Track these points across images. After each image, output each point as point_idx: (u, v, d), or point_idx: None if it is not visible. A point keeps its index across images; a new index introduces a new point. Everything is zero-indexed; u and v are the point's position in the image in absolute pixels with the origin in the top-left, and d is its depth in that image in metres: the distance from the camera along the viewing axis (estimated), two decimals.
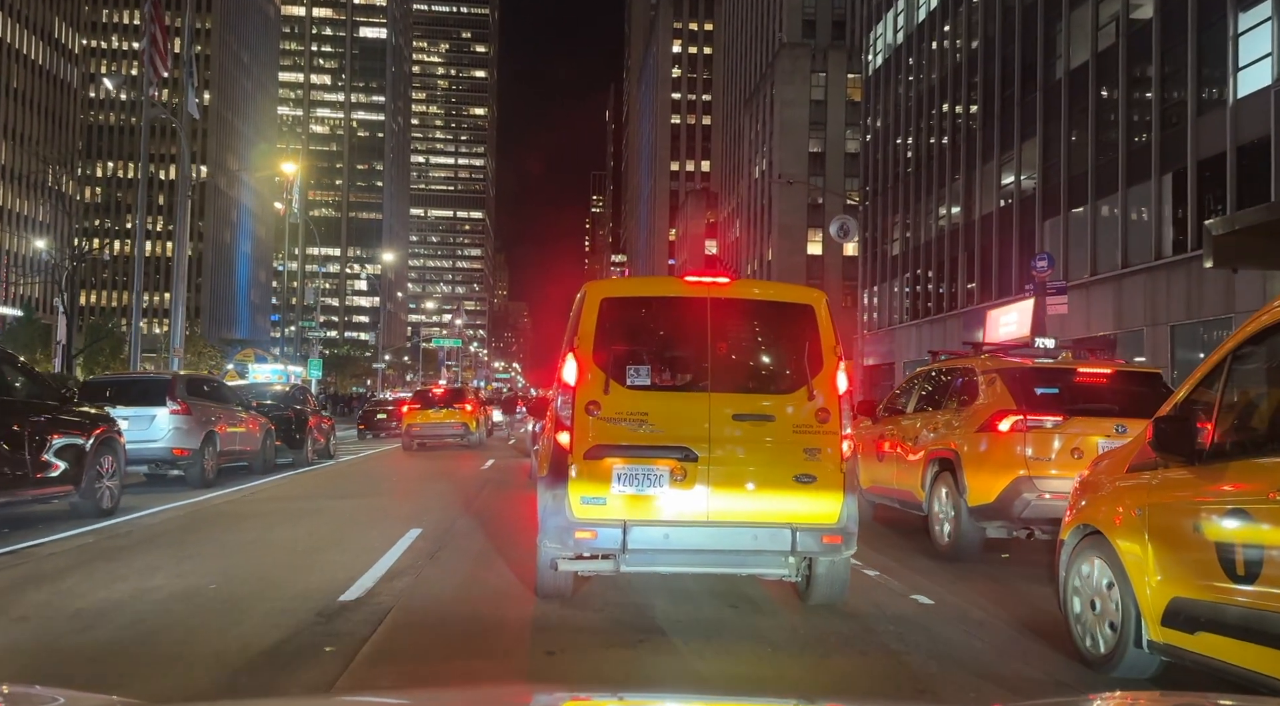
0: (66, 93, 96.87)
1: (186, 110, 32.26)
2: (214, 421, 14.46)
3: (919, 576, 7.36)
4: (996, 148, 35.72)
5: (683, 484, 5.48)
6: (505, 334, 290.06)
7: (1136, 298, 26.96)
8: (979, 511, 7.83)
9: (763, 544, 5.49)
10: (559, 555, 5.71)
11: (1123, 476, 4.65)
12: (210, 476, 14.16)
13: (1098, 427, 7.55)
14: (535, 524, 5.77)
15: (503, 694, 2.94)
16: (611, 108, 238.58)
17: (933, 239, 42.01)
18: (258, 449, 16.28)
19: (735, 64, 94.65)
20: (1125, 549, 4.44)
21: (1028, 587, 7.00)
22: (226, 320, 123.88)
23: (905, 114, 46.26)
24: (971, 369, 8.74)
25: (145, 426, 13.48)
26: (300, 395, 20.25)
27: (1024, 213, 33.74)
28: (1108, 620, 4.61)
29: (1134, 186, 27.41)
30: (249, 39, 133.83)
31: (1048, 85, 32.33)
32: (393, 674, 4.51)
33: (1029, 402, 7.78)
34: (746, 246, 79.36)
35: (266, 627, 5.26)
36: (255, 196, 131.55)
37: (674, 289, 6.15)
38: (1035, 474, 7.49)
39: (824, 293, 6.37)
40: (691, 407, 5.61)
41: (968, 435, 8.11)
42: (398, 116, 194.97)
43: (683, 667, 4.74)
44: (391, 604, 5.93)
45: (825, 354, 5.85)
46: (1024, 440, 7.59)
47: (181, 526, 9.71)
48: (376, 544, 8.20)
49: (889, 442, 9.92)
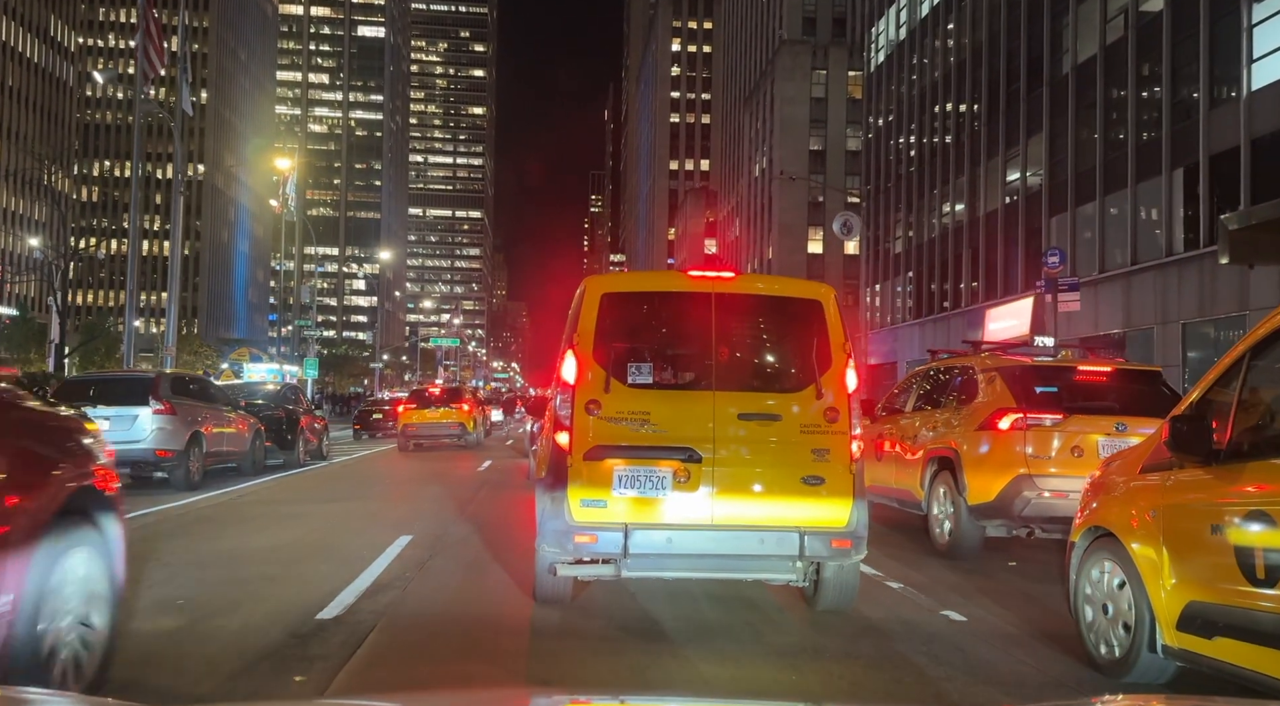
0: (62, 91, 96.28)
1: (181, 107, 31.98)
2: (200, 421, 13.95)
3: (917, 573, 7.16)
4: (1001, 144, 35.20)
5: (686, 486, 5.24)
6: (504, 334, 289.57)
7: (1146, 295, 26.45)
8: (979, 510, 7.78)
9: (769, 548, 5.26)
10: (558, 559, 5.43)
11: (1135, 477, 4.55)
12: (196, 479, 13.64)
13: (1098, 426, 7.52)
14: (533, 528, 5.48)
15: (502, 696, 2.91)
16: (610, 107, 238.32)
17: (936, 237, 41.49)
18: (246, 450, 15.76)
19: (735, 62, 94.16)
20: (1139, 552, 4.34)
21: (1029, 587, 6.91)
22: (224, 320, 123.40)
23: (908, 110, 45.74)
24: (971, 367, 8.68)
25: (127, 427, 12.96)
26: (292, 394, 19.71)
27: (1029, 210, 33.22)
28: (1120, 624, 4.51)
29: (1143, 182, 26.89)
30: (247, 37, 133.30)
31: (1054, 80, 31.82)
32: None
33: (1029, 401, 7.74)
34: (746, 245, 78.85)
35: (231, 653, 4.73)
36: (253, 196, 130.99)
37: (677, 283, 5.90)
38: (1035, 472, 7.44)
39: (832, 287, 6.10)
40: (695, 407, 5.36)
41: (967, 434, 8.06)
42: (396, 116, 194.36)
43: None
44: (374, 622, 5.41)
45: (834, 351, 5.57)
46: (1024, 438, 7.55)
47: (158, 533, 9.19)
48: (363, 552, 7.69)
49: (888, 442, 9.78)
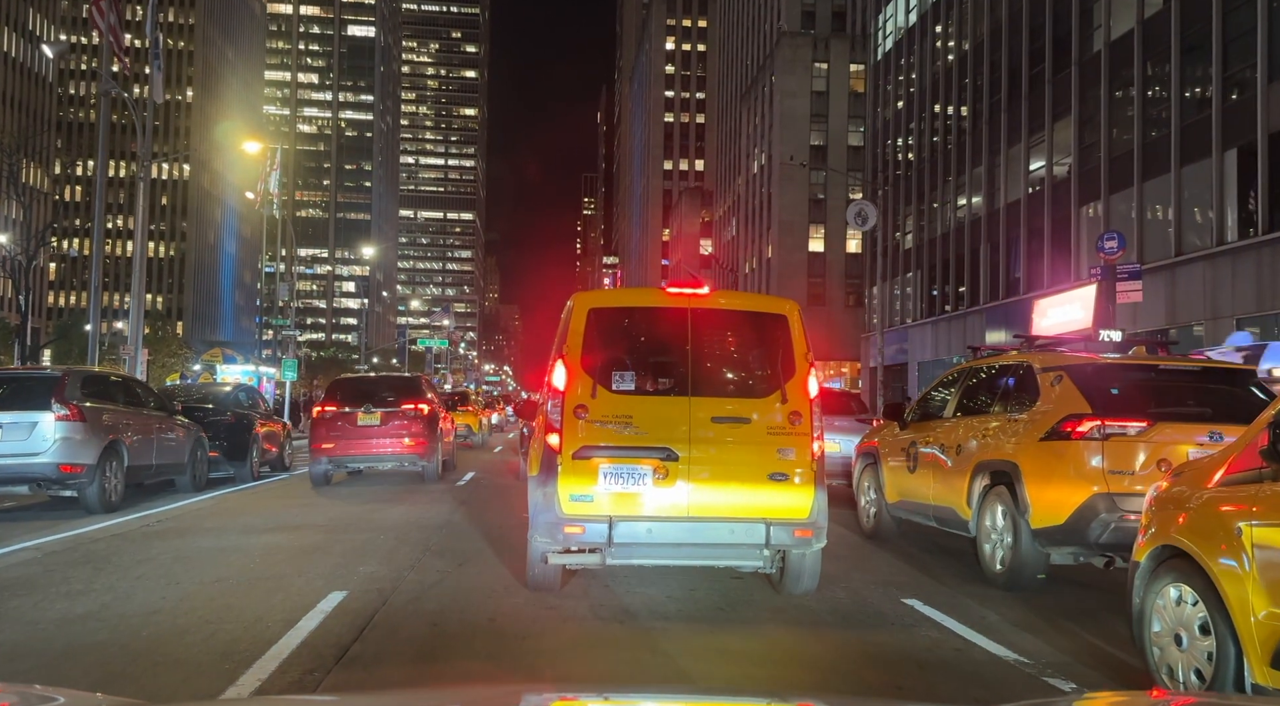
0: (42, 87, 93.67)
1: (151, 94, 29.95)
2: (120, 429, 11.57)
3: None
4: (1024, 130, 32.96)
5: (664, 482, 5.75)
6: (496, 337, 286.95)
7: (1194, 288, 24.20)
8: (1046, 534, 6.67)
9: (739, 537, 5.77)
10: (548, 549, 5.88)
11: (1216, 489, 4.02)
12: (114, 498, 11.27)
13: (1188, 435, 6.41)
14: (520, 580, 5.78)
15: (492, 694, 2.81)
16: (603, 109, 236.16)
17: (950, 231, 39.27)
18: (184, 461, 13.38)
19: (731, 57, 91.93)
20: (1221, 573, 3.81)
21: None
22: (211, 322, 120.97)
23: (918, 99, 43.53)
24: (1028, 365, 7.46)
25: (24, 436, 10.62)
26: (246, 396, 17.23)
27: (1056, 199, 31.00)
28: (1198, 656, 3.98)
29: (1189, 165, 24.66)
30: (234, 35, 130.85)
31: (1084, 59, 29.60)
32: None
33: (1105, 405, 6.61)
34: (745, 244, 76.53)
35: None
36: (240, 196, 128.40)
37: (656, 299, 6.47)
38: (1115, 490, 6.35)
39: (797, 303, 6.50)
40: (673, 411, 5.88)
41: (1028, 444, 6.90)
42: (386, 116, 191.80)
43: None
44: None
45: (798, 360, 6.08)
46: (1101, 450, 6.43)
47: (10, 582, 6.83)
48: (267, 625, 5.35)
49: (923, 451, 8.54)
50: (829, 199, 64.52)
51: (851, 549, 8.79)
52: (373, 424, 14.75)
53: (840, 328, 62.28)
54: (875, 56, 50.10)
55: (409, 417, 14.87)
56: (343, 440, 14.64)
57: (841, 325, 62.21)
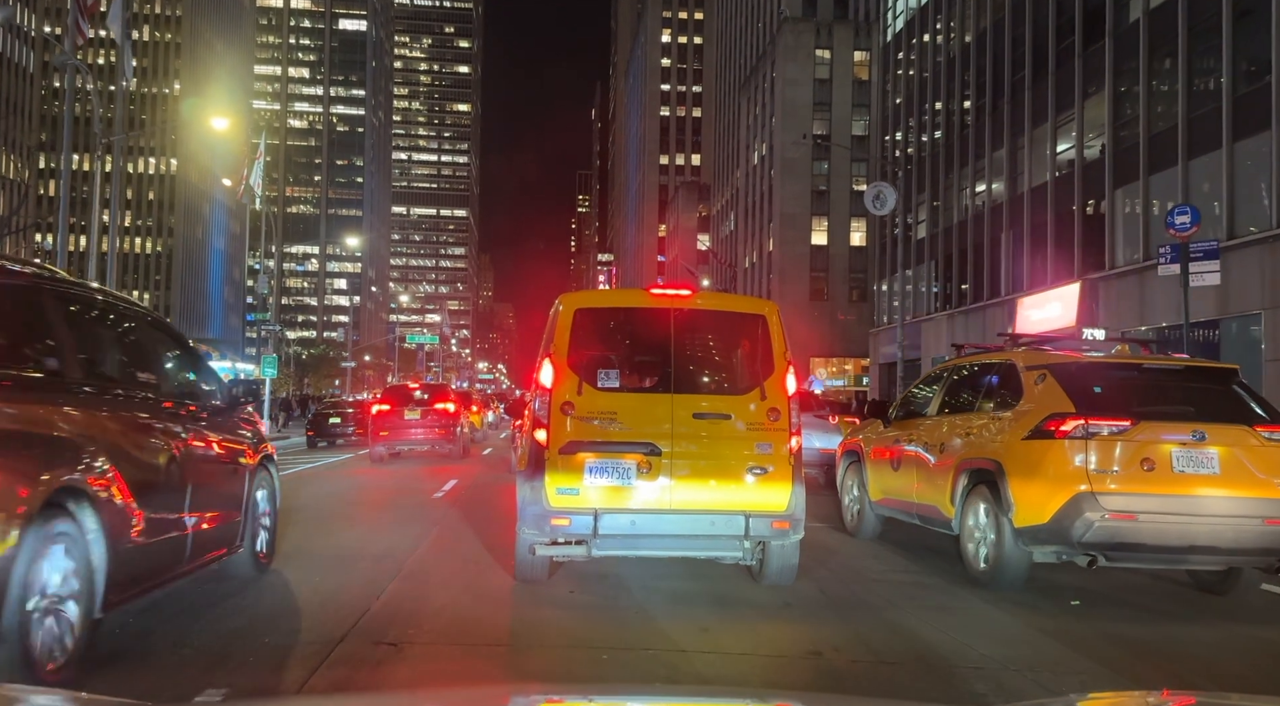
0: (25, 79, 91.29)
1: (122, 73, 28.14)
2: None
3: None
4: (1051, 109, 30.94)
5: (648, 476, 6.00)
6: (490, 335, 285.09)
7: (1250, 274, 22.17)
8: (1029, 533, 6.74)
9: (719, 529, 6.05)
10: (536, 541, 6.11)
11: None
12: None
13: (1171, 434, 6.48)
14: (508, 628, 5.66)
15: (481, 695, 2.88)
16: (598, 106, 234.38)
17: (967, 219, 37.27)
18: None
19: (730, 47, 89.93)
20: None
21: None
22: (199, 319, 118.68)
23: (931, 81, 41.51)
24: (1012, 364, 7.53)
25: None
26: None
27: (1088, 182, 29.00)
28: None
29: (1243, 140, 22.67)
30: (222, 27, 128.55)
31: (1119, 30, 27.60)
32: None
33: (1088, 404, 6.70)
34: (744, 239, 74.47)
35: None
36: (230, 192, 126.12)
37: (641, 300, 6.77)
38: (1098, 489, 6.39)
39: (776, 304, 6.74)
40: (656, 407, 6.13)
41: (1012, 443, 6.98)
42: (378, 111, 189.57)
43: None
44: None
45: (776, 359, 6.30)
46: (1085, 449, 6.47)
47: None
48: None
49: (906, 449, 8.62)
50: (832, 191, 62.58)
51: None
52: (415, 418, 20.17)
53: (844, 323, 60.31)
54: (884, 38, 48.10)
55: (439, 413, 20.38)
56: (394, 430, 19.99)
57: (845, 321, 60.25)
